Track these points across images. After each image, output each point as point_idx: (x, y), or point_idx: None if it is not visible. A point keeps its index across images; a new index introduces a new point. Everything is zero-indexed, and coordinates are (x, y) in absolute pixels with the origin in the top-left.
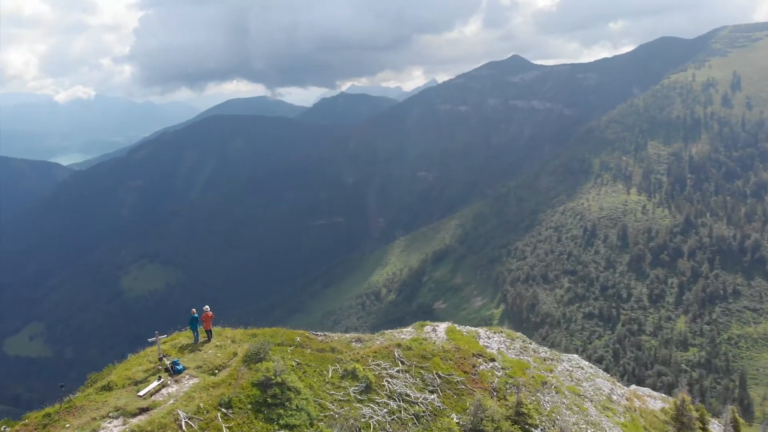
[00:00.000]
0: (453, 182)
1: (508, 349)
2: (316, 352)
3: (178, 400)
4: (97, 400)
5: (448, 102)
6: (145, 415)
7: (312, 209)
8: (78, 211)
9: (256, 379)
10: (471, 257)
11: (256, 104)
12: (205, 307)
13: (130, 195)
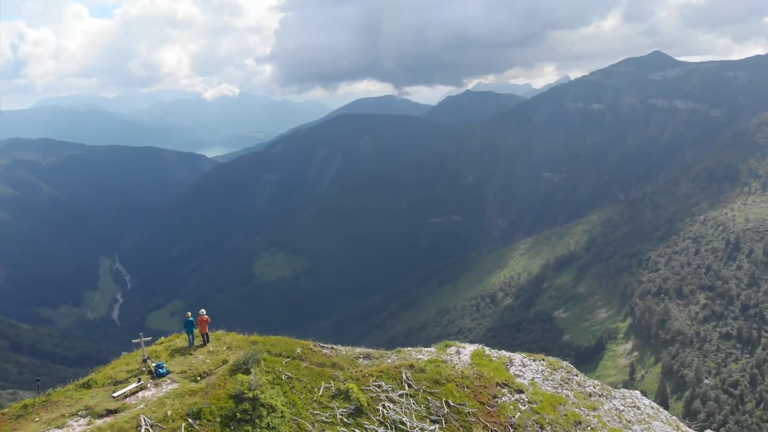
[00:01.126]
0: (581, 184)
1: (544, 380)
2: (315, 366)
3: (148, 405)
4: (73, 396)
5: (580, 100)
6: (111, 417)
7: (431, 206)
8: (219, 199)
9: (233, 391)
10: (597, 265)
11: (383, 103)
12: (201, 311)
13: (265, 187)
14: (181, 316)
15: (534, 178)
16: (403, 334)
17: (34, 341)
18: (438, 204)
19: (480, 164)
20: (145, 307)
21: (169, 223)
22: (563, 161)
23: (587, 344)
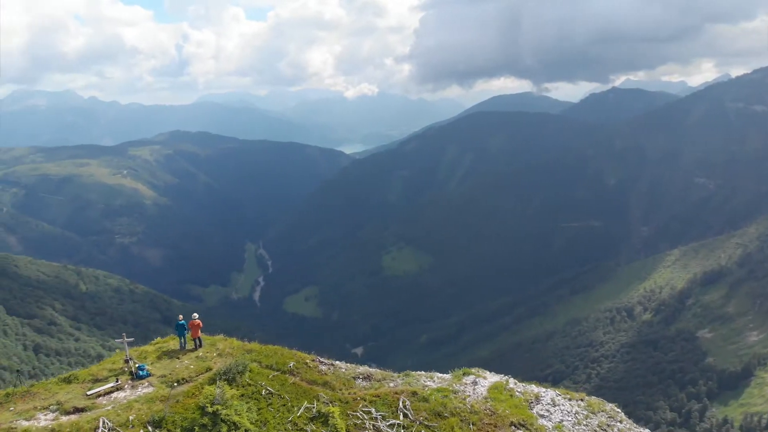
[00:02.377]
0: (738, 193)
1: (576, 424)
2: (304, 382)
3: (116, 407)
4: (52, 390)
5: (741, 100)
6: (76, 415)
7: (565, 209)
8: (354, 193)
9: (200, 402)
10: (751, 283)
11: (519, 100)
12: (194, 315)
13: (396, 183)
14: (317, 300)
15: (684, 184)
16: (530, 340)
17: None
18: (574, 207)
19: (623, 166)
20: (282, 291)
21: (308, 213)
22: (719, 166)
23: (732, 369)
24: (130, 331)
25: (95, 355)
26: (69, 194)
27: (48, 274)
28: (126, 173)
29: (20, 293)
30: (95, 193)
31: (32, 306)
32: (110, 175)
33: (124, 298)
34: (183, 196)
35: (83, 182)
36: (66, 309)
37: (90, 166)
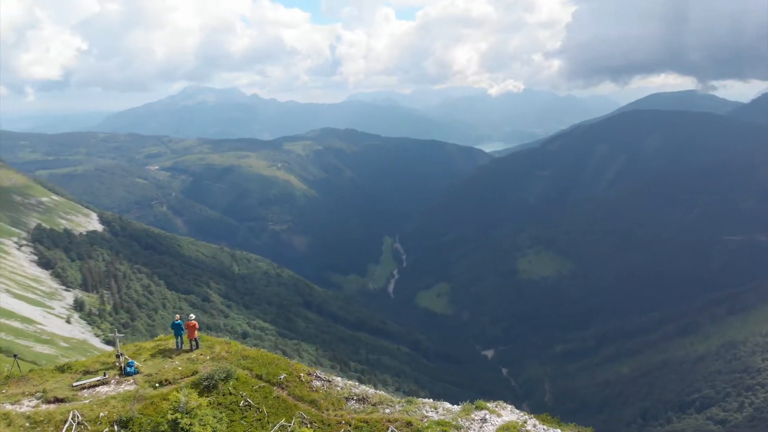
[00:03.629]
0: None
1: None
2: (290, 397)
3: (93, 401)
4: (44, 377)
5: None
6: (55, 405)
7: (728, 220)
8: (491, 192)
9: (165, 408)
10: None
11: (680, 99)
12: (191, 316)
13: (537, 183)
14: (449, 297)
15: None
16: (677, 361)
17: (322, 301)
18: (738, 218)
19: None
20: (415, 285)
21: (444, 210)
22: None
23: None
24: (274, 312)
25: (240, 332)
26: (230, 183)
27: (206, 254)
28: (280, 166)
29: (180, 270)
30: (253, 183)
31: (190, 283)
32: (266, 167)
33: (271, 280)
34: (329, 189)
35: (243, 173)
36: (219, 287)
37: (249, 158)
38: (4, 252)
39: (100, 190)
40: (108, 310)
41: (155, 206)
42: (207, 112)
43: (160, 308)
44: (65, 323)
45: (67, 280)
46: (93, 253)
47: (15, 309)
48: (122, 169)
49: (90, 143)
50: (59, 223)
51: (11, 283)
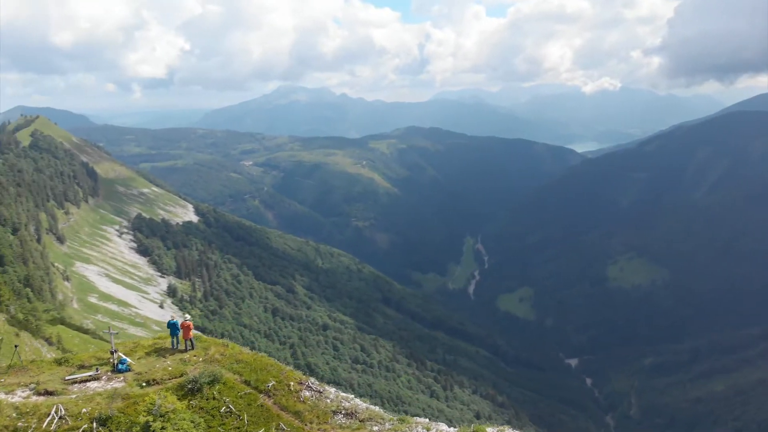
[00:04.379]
0: None
1: None
2: (276, 406)
3: (80, 396)
4: (41, 369)
5: None
6: (44, 397)
7: None
8: (581, 194)
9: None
10: None
11: None
12: (186, 316)
13: (631, 186)
14: (532, 302)
15: None
16: None
17: (400, 298)
18: None
19: None
20: (496, 287)
21: (529, 212)
22: None
23: None
24: (354, 306)
25: (321, 324)
26: (317, 179)
27: (293, 247)
28: (365, 164)
29: (268, 262)
30: (338, 179)
31: (276, 274)
32: (352, 164)
33: (352, 275)
34: (411, 187)
35: (330, 170)
36: (303, 280)
37: (336, 156)
38: (107, 239)
39: (197, 183)
40: (199, 297)
41: (248, 200)
42: (299, 110)
43: (247, 297)
44: (158, 308)
45: (163, 267)
46: (188, 242)
47: (113, 292)
48: (218, 163)
49: (190, 139)
50: (158, 213)
51: (111, 268)
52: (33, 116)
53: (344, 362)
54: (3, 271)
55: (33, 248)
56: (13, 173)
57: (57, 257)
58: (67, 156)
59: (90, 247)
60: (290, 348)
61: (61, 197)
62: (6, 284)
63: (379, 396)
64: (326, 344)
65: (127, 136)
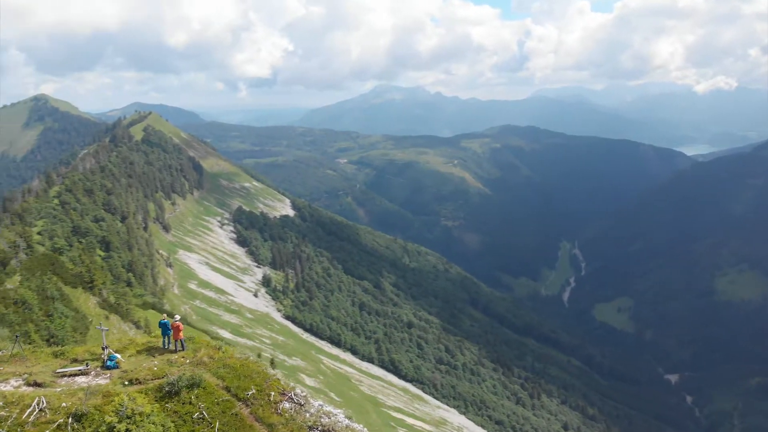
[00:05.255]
0: None
1: None
2: (250, 416)
3: (63, 390)
4: (39, 360)
5: None
6: (31, 388)
7: None
8: (690, 201)
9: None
10: None
11: None
12: (176, 317)
13: (747, 192)
14: (631, 313)
15: None
16: None
17: (488, 301)
18: None
19: None
20: (593, 296)
21: (632, 217)
22: None
23: None
24: (439, 306)
25: (406, 322)
26: (408, 178)
27: (381, 244)
28: (456, 163)
29: (357, 257)
30: (429, 178)
31: (364, 269)
32: (443, 163)
33: (439, 275)
34: (504, 187)
35: (421, 168)
36: (390, 277)
37: (428, 155)
38: (208, 229)
39: (296, 179)
40: (291, 287)
41: (342, 196)
42: (393, 109)
43: (336, 290)
44: (252, 296)
45: (259, 257)
46: (283, 235)
47: (211, 280)
48: (316, 161)
49: (290, 136)
50: (257, 206)
51: (211, 256)
52: (146, 112)
53: (428, 361)
54: (108, 257)
55: (139, 236)
56: (125, 165)
57: (162, 245)
58: (175, 150)
59: (193, 237)
60: (375, 343)
61: (169, 189)
62: (102, 269)
63: (462, 398)
64: (410, 342)
65: (233, 133)
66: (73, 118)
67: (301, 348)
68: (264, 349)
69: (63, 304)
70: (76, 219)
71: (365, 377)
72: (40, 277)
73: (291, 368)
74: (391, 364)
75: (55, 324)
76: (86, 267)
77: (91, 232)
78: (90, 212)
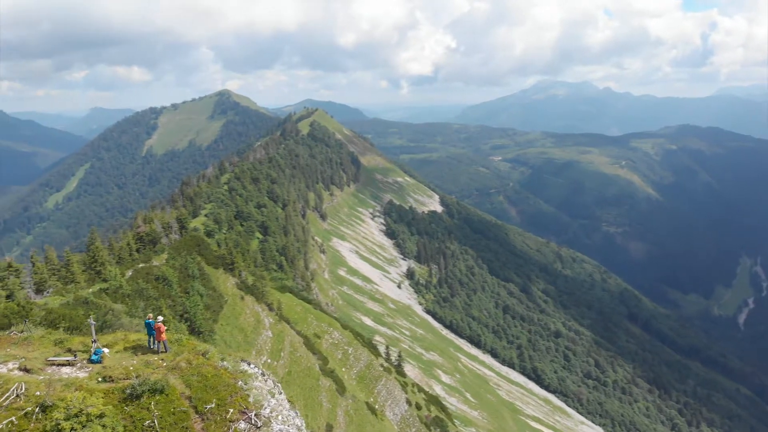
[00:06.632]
0: None
1: None
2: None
3: (45, 380)
4: (42, 345)
5: None
6: (20, 373)
7: None
8: None
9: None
10: None
11: None
12: (158, 318)
13: None
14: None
15: None
16: None
17: (650, 317)
18: None
19: None
20: None
21: None
22: None
23: None
24: (592, 318)
25: (553, 331)
26: (567, 178)
27: (531, 247)
28: (623, 164)
29: (504, 258)
30: (591, 180)
31: (510, 272)
32: (608, 164)
33: (594, 284)
34: (677, 193)
35: (582, 168)
36: (539, 282)
37: (591, 154)
38: (361, 220)
39: (447, 176)
40: (434, 282)
41: (493, 195)
42: (555, 105)
43: (479, 290)
44: (396, 287)
45: (405, 250)
46: (430, 230)
47: (359, 268)
48: (468, 158)
49: (445, 133)
50: (408, 201)
51: (361, 246)
52: (313, 109)
53: (574, 374)
54: (264, 240)
55: (296, 222)
56: (291, 157)
57: (318, 232)
58: (337, 145)
59: (346, 226)
60: (517, 348)
61: (328, 180)
62: (248, 252)
63: (609, 417)
64: (556, 352)
65: (392, 129)
66: (252, 112)
67: (440, 344)
68: (402, 340)
69: (201, 283)
70: (240, 204)
71: (504, 382)
72: (184, 257)
73: (428, 363)
74: (533, 372)
75: (189, 301)
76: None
77: (252, 216)
78: (254, 198)
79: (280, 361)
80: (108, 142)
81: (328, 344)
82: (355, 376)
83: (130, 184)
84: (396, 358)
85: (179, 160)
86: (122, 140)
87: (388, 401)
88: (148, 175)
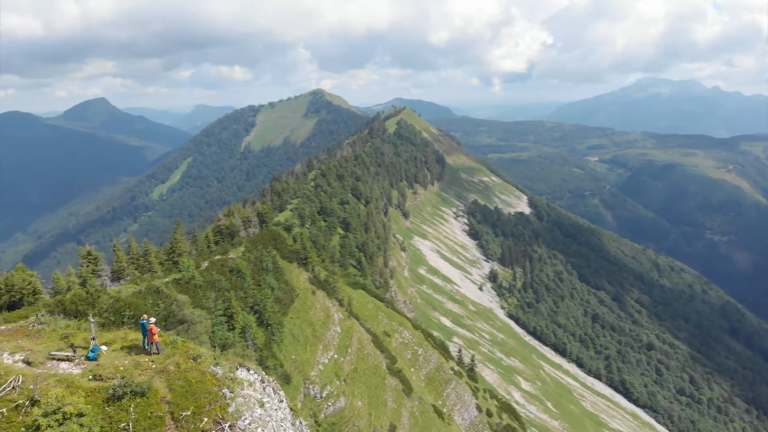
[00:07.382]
0: None
1: None
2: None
3: (41, 374)
4: (47, 338)
5: None
6: (20, 365)
7: None
8: None
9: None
10: None
11: None
12: (151, 319)
13: None
14: None
15: None
16: None
17: (753, 333)
18: None
19: None
20: None
21: None
22: None
23: None
24: (689, 331)
25: (645, 342)
26: (669, 181)
27: (626, 253)
28: (731, 168)
29: (596, 264)
30: (695, 184)
31: (602, 279)
32: (714, 168)
33: (694, 296)
34: None
35: (685, 172)
36: (633, 291)
37: (695, 157)
38: (444, 219)
39: (538, 176)
40: (518, 286)
41: (587, 197)
42: (658, 104)
43: (567, 297)
44: (477, 289)
45: (488, 252)
46: (516, 232)
47: (440, 267)
48: (562, 158)
49: (537, 132)
50: (493, 201)
51: (443, 245)
52: (401, 108)
53: (666, 389)
54: (345, 236)
55: (377, 220)
56: (376, 155)
57: (399, 230)
58: (422, 144)
59: (428, 225)
60: (605, 359)
61: (412, 179)
62: (323, 248)
63: None
64: (648, 365)
65: (481, 128)
66: (343, 111)
67: (522, 350)
68: (482, 344)
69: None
70: (324, 200)
71: (589, 393)
72: (260, 250)
73: (507, 368)
74: (621, 385)
75: (260, 293)
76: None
77: (335, 213)
78: (338, 195)
79: (347, 358)
80: (209, 137)
81: (397, 343)
82: (423, 378)
83: (228, 178)
84: (469, 362)
85: (275, 157)
86: (222, 136)
87: (457, 405)
88: (246, 169)
